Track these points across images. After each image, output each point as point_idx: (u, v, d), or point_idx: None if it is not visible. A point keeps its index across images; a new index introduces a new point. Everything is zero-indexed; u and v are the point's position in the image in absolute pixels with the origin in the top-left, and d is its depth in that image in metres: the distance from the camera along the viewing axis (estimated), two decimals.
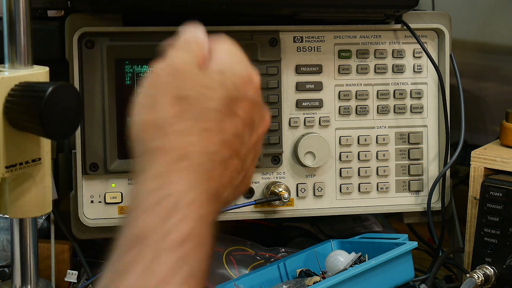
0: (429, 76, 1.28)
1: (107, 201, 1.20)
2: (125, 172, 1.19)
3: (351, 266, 1.13)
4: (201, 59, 0.75)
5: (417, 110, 1.28)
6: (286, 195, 1.20)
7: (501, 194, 1.14)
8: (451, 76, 1.28)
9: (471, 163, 1.19)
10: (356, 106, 1.26)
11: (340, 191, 1.26)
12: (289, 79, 1.24)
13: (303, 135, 1.23)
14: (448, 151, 1.27)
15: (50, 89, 0.85)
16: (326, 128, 1.25)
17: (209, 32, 1.20)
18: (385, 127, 1.27)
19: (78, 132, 1.17)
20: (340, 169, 1.26)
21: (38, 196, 0.94)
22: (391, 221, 1.52)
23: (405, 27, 1.25)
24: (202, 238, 0.67)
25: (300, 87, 1.24)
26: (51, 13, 1.27)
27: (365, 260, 1.15)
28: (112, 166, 1.18)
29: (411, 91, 1.27)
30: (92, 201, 1.20)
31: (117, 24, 1.18)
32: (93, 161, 1.18)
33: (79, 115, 0.90)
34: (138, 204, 0.68)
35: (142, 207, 0.67)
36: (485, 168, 1.18)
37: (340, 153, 1.26)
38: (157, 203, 0.67)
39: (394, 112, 1.27)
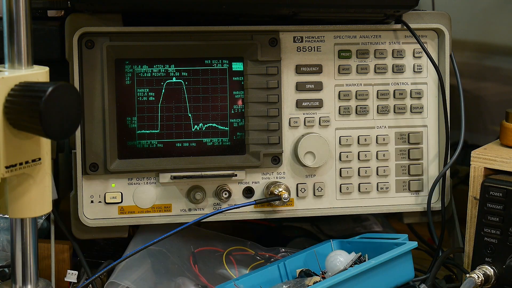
0: (429, 76, 1.28)
1: (107, 201, 1.20)
2: (125, 172, 1.19)
3: (351, 266, 1.13)
4: None
5: (417, 110, 1.28)
6: (286, 195, 1.20)
7: (501, 194, 1.14)
8: (451, 76, 1.28)
9: (471, 163, 1.19)
10: (356, 106, 1.26)
11: (340, 191, 1.26)
12: (289, 79, 1.24)
13: (303, 135, 1.23)
14: (448, 151, 1.27)
15: (50, 89, 0.86)
16: (326, 128, 1.25)
17: (209, 32, 1.21)
18: (385, 127, 1.27)
19: (78, 132, 1.17)
20: (340, 169, 1.26)
21: (38, 196, 0.94)
22: (391, 221, 1.52)
23: (405, 27, 1.25)
24: None
25: (300, 87, 1.24)
26: (51, 13, 1.27)
27: (365, 260, 1.15)
28: (112, 166, 1.18)
29: (411, 91, 1.27)
30: (92, 201, 1.20)
31: (117, 24, 1.18)
32: (93, 161, 1.18)
33: (79, 115, 0.90)
34: None
35: None
36: (485, 168, 1.18)
37: (340, 153, 1.26)
38: None
39: (394, 112, 1.27)
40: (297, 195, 1.25)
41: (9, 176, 0.90)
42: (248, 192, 1.24)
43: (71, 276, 1.20)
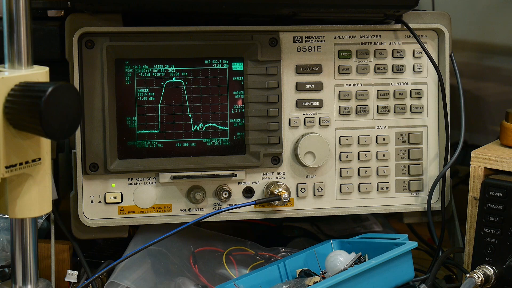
0: (429, 76, 1.28)
1: (107, 201, 1.20)
2: (125, 172, 1.19)
3: (351, 266, 1.13)
4: None
5: (417, 110, 1.28)
6: (286, 195, 1.20)
7: (501, 194, 1.14)
8: (451, 76, 1.28)
9: (471, 163, 1.19)
10: (356, 106, 1.26)
11: (340, 191, 1.26)
12: (289, 79, 1.24)
13: (303, 135, 1.23)
14: (448, 151, 1.27)
15: (50, 89, 0.86)
16: (326, 128, 1.25)
17: (210, 32, 1.21)
18: (385, 127, 1.27)
19: (78, 132, 1.17)
20: (340, 169, 1.26)
21: (38, 196, 0.94)
22: (391, 221, 1.52)
23: (405, 27, 1.25)
24: None
25: (300, 87, 1.24)
26: (51, 13, 1.27)
27: (365, 260, 1.15)
28: (112, 166, 1.18)
29: (411, 91, 1.27)
30: (92, 201, 1.20)
31: (117, 24, 1.18)
32: (93, 161, 1.18)
33: (79, 115, 0.90)
34: None
35: None
36: (485, 168, 1.18)
37: (340, 153, 1.26)
38: None
39: (394, 112, 1.27)
40: (297, 195, 1.25)
41: (9, 176, 0.90)
42: (248, 192, 1.24)
43: (71, 276, 1.20)
